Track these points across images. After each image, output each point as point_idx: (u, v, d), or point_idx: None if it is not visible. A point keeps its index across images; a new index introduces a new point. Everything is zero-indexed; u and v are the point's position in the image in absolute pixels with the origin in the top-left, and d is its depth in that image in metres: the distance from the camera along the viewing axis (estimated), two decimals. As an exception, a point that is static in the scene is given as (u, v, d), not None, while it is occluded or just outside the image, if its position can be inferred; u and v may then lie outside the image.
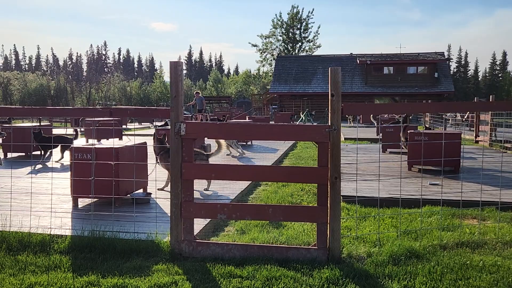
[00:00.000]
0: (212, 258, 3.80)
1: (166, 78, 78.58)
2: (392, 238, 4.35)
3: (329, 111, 3.70)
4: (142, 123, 30.10)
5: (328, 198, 3.69)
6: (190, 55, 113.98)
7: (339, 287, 3.23)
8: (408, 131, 8.98)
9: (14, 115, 9.07)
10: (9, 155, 10.55)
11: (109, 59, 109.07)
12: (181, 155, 3.81)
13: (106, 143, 6.46)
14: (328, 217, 3.69)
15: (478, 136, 15.14)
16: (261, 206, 3.85)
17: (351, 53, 40.83)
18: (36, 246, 4.02)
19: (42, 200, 5.63)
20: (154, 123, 18.50)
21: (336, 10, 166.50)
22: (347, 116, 28.88)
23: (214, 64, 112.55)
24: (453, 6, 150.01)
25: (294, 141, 13.52)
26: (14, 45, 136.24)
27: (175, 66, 3.82)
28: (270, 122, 20.47)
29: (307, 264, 3.61)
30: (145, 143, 6.34)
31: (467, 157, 10.40)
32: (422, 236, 4.42)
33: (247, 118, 19.09)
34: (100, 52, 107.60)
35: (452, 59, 64.08)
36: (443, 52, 43.42)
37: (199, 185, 6.25)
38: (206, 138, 10.46)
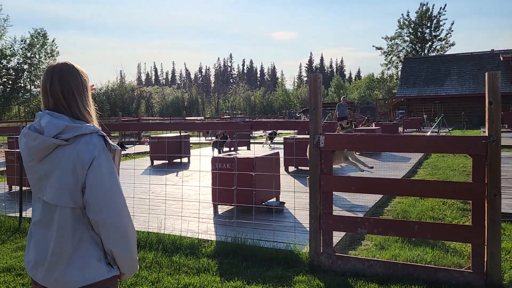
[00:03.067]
0: (353, 273, 3.70)
1: (288, 86, 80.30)
2: None
3: (487, 120, 3.33)
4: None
5: (486, 217, 3.31)
6: (310, 61, 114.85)
7: (503, 319, 2.87)
8: None
9: (163, 129, 10.07)
10: (155, 162, 11.80)
11: (234, 71, 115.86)
12: (320, 167, 3.80)
13: (243, 153, 6.80)
14: (486, 238, 3.31)
15: None
16: (406, 222, 3.62)
17: (492, 50, 36.51)
18: (186, 249, 4.39)
19: (187, 205, 6.15)
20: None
21: (472, 2, 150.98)
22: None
23: (335, 70, 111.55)
24: None
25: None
26: (154, 62, 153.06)
27: (314, 79, 3.84)
28: (399, 129, 19.32)
29: (461, 289, 3.29)
30: (277, 153, 6.51)
31: None
32: None
33: (373, 125, 18.36)
34: (226, 64, 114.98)
35: None
36: None
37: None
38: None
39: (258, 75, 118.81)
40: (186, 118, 33.27)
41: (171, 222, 5.19)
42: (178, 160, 11.99)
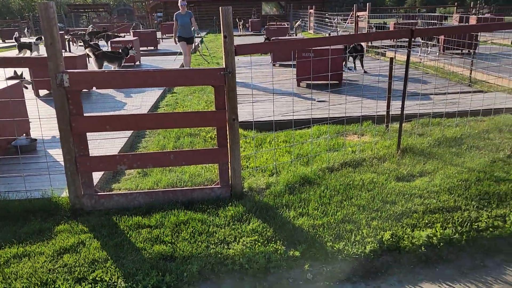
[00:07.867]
0: (117, 209, 3.78)
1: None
2: (287, 165, 4.72)
3: (223, 53, 3.64)
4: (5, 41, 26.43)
5: (228, 139, 3.80)
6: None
7: (243, 223, 3.50)
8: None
9: None
10: None
11: None
12: (68, 109, 3.52)
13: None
14: (229, 157, 3.84)
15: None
16: (162, 153, 3.82)
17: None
18: None
19: None
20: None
21: None
22: (237, 21, 28.35)
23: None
24: None
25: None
26: None
27: (45, 8, 3.33)
28: (157, 34, 19.09)
29: (213, 203, 3.80)
30: (19, 82, 5.64)
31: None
32: (313, 159, 4.86)
33: (131, 33, 17.67)
34: None
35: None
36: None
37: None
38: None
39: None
40: None
41: None
42: None
